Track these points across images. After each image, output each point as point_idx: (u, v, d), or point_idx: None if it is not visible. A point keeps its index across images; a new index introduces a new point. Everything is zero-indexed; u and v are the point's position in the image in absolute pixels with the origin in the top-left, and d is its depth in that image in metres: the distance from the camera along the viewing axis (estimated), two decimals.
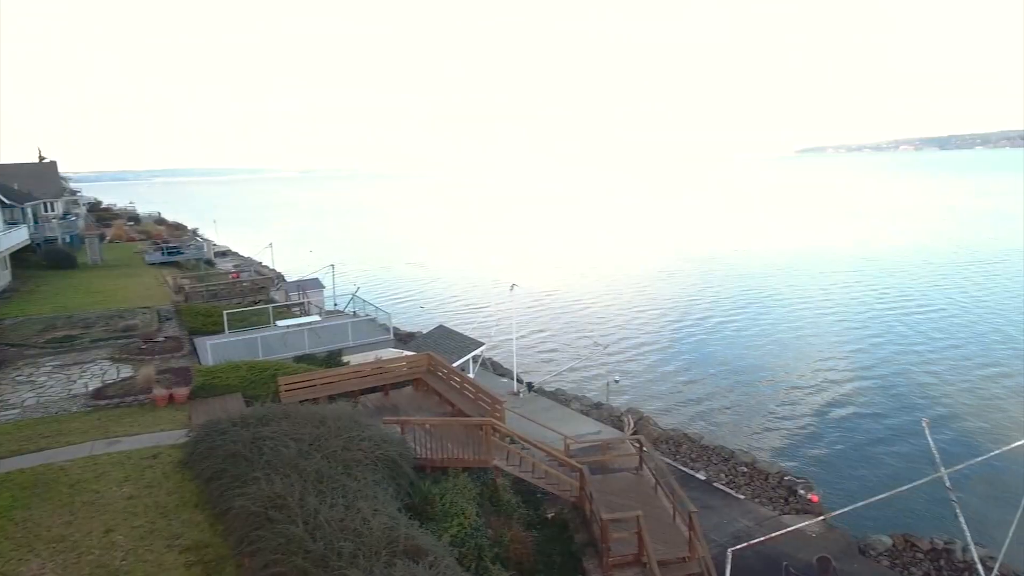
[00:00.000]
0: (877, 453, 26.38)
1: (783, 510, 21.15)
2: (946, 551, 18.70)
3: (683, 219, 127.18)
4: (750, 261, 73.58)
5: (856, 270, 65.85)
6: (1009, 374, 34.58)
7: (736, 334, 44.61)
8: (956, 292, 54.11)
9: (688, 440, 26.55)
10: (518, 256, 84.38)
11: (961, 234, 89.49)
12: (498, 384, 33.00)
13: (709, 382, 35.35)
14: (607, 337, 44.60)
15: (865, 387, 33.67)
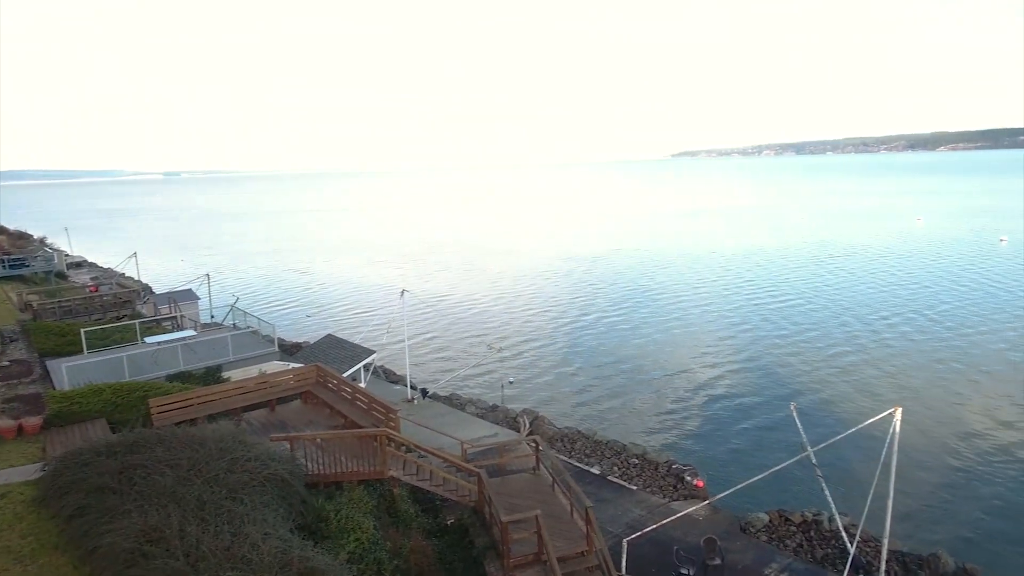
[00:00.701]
0: (753, 437, 28.36)
1: (672, 497, 22.19)
2: (815, 522, 20.39)
3: (567, 222, 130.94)
4: (628, 260, 77.01)
5: (720, 266, 70.68)
6: (859, 356, 38.35)
7: (619, 330, 46.48)
8: (805, 284, 59.40)
9: (582, 437, 27.24)
10: (409, 260, 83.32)
11: (811, 231, 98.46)
12: (392, 392, 32.33)
13: (599, 378, 36.54)
14: (499, 339, 44.96)
15: (738, 375, 36.14)
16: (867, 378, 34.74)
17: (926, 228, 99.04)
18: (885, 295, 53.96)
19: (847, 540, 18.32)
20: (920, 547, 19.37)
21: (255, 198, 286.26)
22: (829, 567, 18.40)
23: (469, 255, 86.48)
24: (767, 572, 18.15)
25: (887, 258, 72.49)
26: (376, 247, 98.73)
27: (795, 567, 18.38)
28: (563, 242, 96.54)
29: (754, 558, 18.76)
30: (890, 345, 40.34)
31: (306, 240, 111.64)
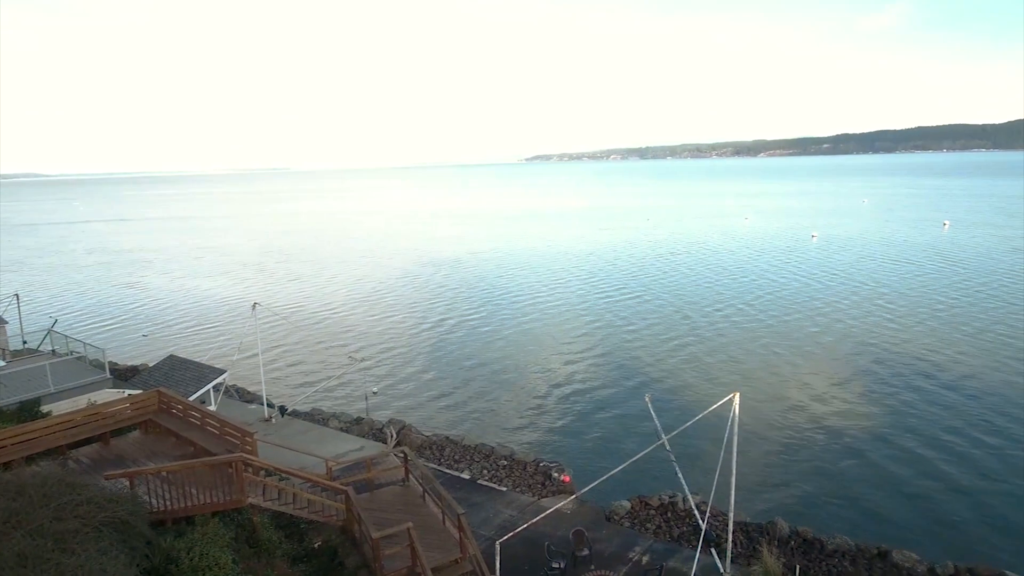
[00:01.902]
0: (613, 429, 29.88)
1: (541, 494, 22.78)
2: (671, 504, 21.84)
3: (421, 225, 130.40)
4: (484, 262, 78.25)
5: (571, 265, 73.90)
6: (700, 346, 41.73)
7: (480, 332, 47.05)
8: (649, 280, 63.75)
9: (450, 443, 27.19)
10: (258, 270, 78.63)
11: (653, 230, 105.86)
12: (247, 412, 30.31)
13: (463, 382, 36.71)
14: (360, 349, 43.76)
15: (595, 370, 37.90)
16: (708, 366, 37.86)
17: (751, 226, 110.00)
18: (718, 288, 59.14)
19: (699, 517, 19.84)
20: (760, 516, 21.43)
21: (49, 205, 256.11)
22: (685, 543, 19.80)
23: (320, 263, 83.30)
24: (631, 555, 19.17)
25: (719, 253, 79.58)
26: (220, 256, 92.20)
27: (655, 548, 19.58)
28: (417, 246, 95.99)
29: (619, 544, 19.75)
30: (725, 334, 44.27)
31: (130, 252, 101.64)
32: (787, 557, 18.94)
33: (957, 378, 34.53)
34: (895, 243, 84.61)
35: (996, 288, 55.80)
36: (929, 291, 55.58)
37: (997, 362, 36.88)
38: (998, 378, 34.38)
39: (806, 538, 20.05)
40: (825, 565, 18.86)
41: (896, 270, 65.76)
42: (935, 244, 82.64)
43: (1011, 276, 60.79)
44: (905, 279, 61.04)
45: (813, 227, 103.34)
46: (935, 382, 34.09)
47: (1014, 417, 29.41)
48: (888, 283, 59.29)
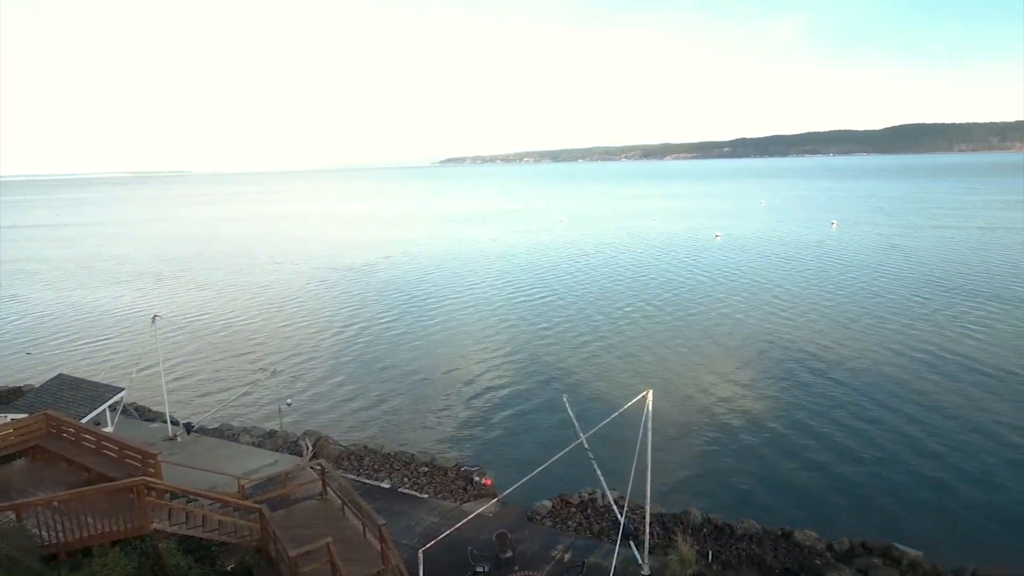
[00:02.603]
0: (532, 430, 30.24)
1: (463, 499, 22.74)
2: (591, 500, 22.36)
3: (330, 230, 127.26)
4: (396, 267, 77.30)
5: (485, 267, 74.35)
6: (614, 345, 42.95)
7: (395, 338, 46.43)
8: (560, 282, 65.07)
9: (370, 452, 26.67)
10: (156, 280, 74.13)
11: (565, 232, 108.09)
12: (148, 432, 28.53)
13: (381, 390, 36.09)
14: (271, 359, 42.16)
15: (513, 373, 38.23)
16: (622, 364, 39.02)
17: (659, 227, 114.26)
18: (628, 287, 61.10)
19: (617, 512, 20.43)
20: (675, 507, 22.30)
21: None
22: (605, 538, 20.33)
23: (225, 270, 79.59)
24: (553, 554, 19.47)
25: (629, 254, 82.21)
26: (115, 265, 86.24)
27: (577, 544, 19.98)
28: (329, 251, 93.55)
29: (541, 543, 20.02)
30: (636, 332, 45.76)
31: (12, 262, 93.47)
32: (701, 544, 19.82)
33: (842, 366, 37.23)
34: (789, 242, 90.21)
35: (876, 283, 60.64)
36: (818, 286, 59.66)
37: (877, 351, 40.03)
38: (877, 365, 37.33)
39: (717, 524, 21.05)
40: (735, 549, 19.86)
41: (790, 267, 70.18)
42: (824, 242, 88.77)
43: (889, 271, 66.25)
44: (798, 275, 65.24)
45: (716, 227, 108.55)
46: (823, 371, 36.60)
47: (892, 401, 32.03)
48: (783, 279, 63.18)
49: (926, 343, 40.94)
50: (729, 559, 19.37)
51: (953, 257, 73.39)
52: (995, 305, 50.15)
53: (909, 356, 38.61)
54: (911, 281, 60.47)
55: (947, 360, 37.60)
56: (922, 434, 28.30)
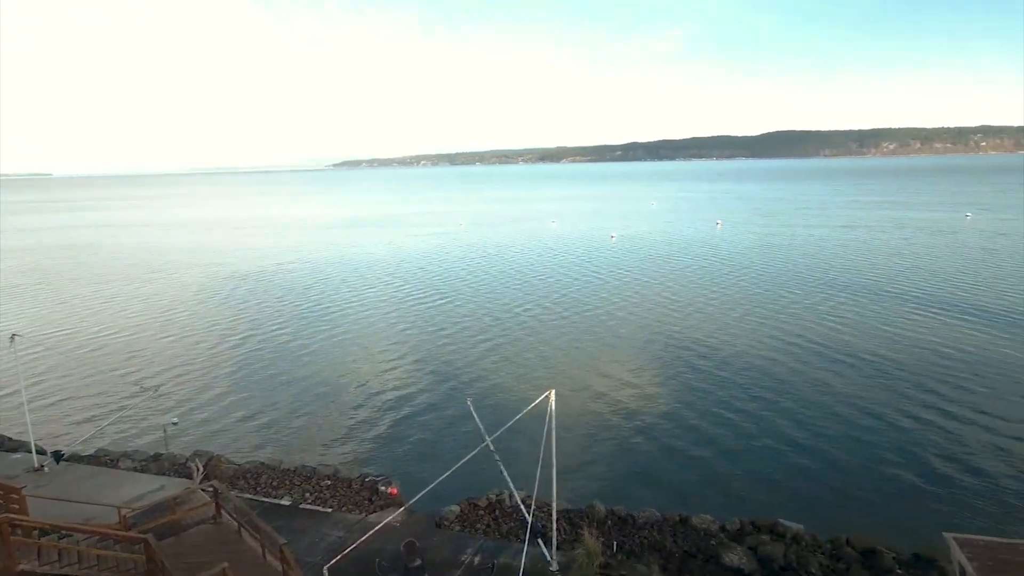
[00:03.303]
0: (438, 435, 29.95)
1: (369, 510, 22.17)
2: (498, 502, 22.45)
3: (214, 236, 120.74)
4: (285, 274, 74.45)
5: (380, 272, 73.18)
6: (515, 346, 43.43)
7: (288, 348, 44.62)
8: (461, 283, 65.26)
9: (267, 469, 25.45)
10: (9, 295, 67.12)
11: (466, 235, 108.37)
12: (9, 464, 25.78)
13: (276, 402, 34.53)
14: (152, 375, 39.31)
15: (414, 378, 37.74)
16: (524, 365, 39.49)
17: (557, 229, 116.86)
18: (528, 289, 62.02)
19: (525, 511, 20.64)
20: (581, 502, 22.83)
21: None
22: (514, 538, 20.47)
23: (94, 283, 73.31)
24: (463, 558, 19.37)
25: (528, 256, 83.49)
26: None
27: (486, 546, 20.00)
28: (213, 259, 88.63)
29: (450, 549, 19.86)
30: (538, 333, 46.51)
31: None
32: (606, 536, 20.39)
33: (725, 357, 39.61)
34: (679, 241, 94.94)
35: (755, 278, 65.04)
36: (705, 283, 63.16)
37: (756, 342, 42.92)
38: (757, 356, 40.01)
39: (620, 516, 21.75)
40: (638, 538, 20.60)
41: (680, 265, 73.85)
42: (711, 241, 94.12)
43: (767, 268, 71.24)
44: (687, 273, 68.77)
45: (612, 228, 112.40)
46: (709, 362, 38.77)
47: (770, 388, 34.43)
48: (674, 277, 66.38)
49: (797, 334, 44.32)
50: (632, 548, 20.06)
51: (820, 253, 79.99)
52: (855, 296, 55.11)
53: (783, 346, 41.63)
54: (785, 276, 65.31)
55: (815, 348, 40.87)
56: (796, 417, 30.56)
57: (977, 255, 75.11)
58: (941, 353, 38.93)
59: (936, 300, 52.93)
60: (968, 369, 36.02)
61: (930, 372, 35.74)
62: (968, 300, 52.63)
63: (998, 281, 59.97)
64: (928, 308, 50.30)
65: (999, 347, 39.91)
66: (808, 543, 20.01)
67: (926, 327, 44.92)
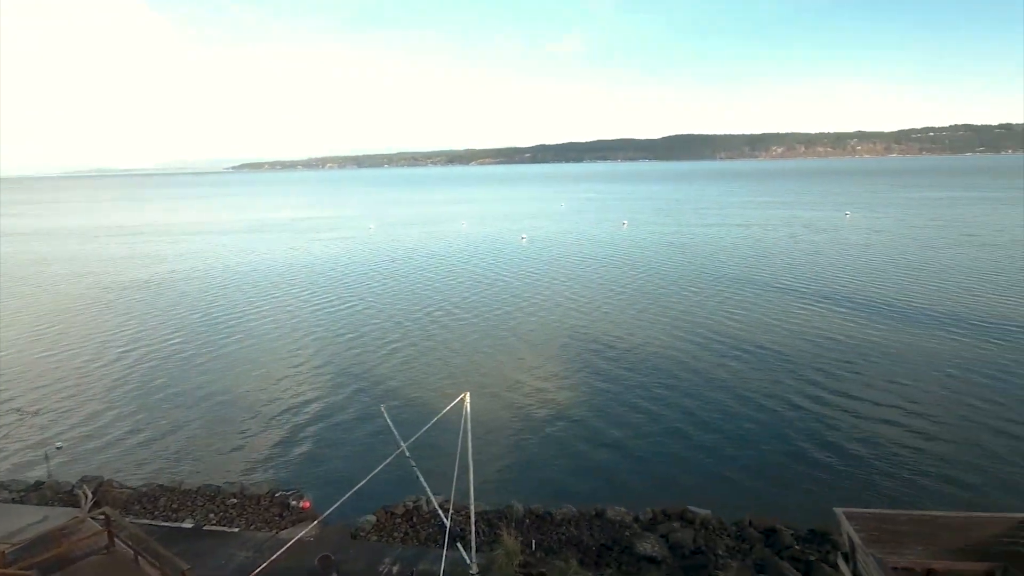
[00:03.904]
0: (352, 444, 29.18)
1: (280, 527, 21.30)
2: (416, 508, 22.17)
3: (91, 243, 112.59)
4: (182, 282, 70.56)
5: (282, 280, 70.74)
6: (426, 351, 43.06)
7: (185, 360, 42.16)
8: (365, 288, 64.10)
9: (166, 491, 23.93)
10: None
11: (372, 239, 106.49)
12: None
13: (173, 419, 32.49)
14: (28, 397, 36.04)
15: (325, 387, 36.61)
16: (438, 369, 39.19)
17: (468, 231, 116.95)
18: (439, 292, 61.69)
19: (443, 516, 20.44)
20: (499, 503, 22.90)
21: None
22: (432, 544, 20.27)
23: None
24: (381, 568, 18.98)
25: (439, 258, 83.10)
26: None
27: (404, 554, 19.68)
28: (97, 268, 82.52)
29: (367, 560, 19.41)
30: (450, 336, 46.30)
31: None
32: (524, 535, 20.57)
33: (632, 352, 41.02)
34: (587, 241, 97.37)
35: (660, 275, 67.76)
36: (613, 281, 65.13)
37: (660, 336, 44.69)
38: (661, 349, 41.69)
39: (538, 514, 22.01)
40: (556, 534, 20.91)
41: (589, 264, 75.77)
42: (617, 241, 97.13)
43: (670, 265, 74.38)
44: (596, 272, 70.66)
45: (522, 230, 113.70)
46: (617, 357, 40.01)
47: (675, 380, 35.95)
48: (583, 276, 68.01)
49: (696, 328, 46.54)
50: (551, 545, 20.35)
51: (717, 251, 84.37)
52: (747, 291, 58.50)
53: (683, 340, 43.58)
54: (685, 273, 68.42)
55: (712, 341, 43.04)
56: (698, 408, 32.03)
57: (855, 251, 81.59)
58: (825, 342, 41.97)
59: (819, 293, 57.03)
60: (848, 356, 39.02)
61: (816, 360, 38.43)
62: (847, 292, 57.05)
63: (874, 274, 65.40)
64: (812, 300, 54.12)
65: (875, 335, 43.50)
66: (715, 527, 21.01)
67: (811, 318, 48.31)
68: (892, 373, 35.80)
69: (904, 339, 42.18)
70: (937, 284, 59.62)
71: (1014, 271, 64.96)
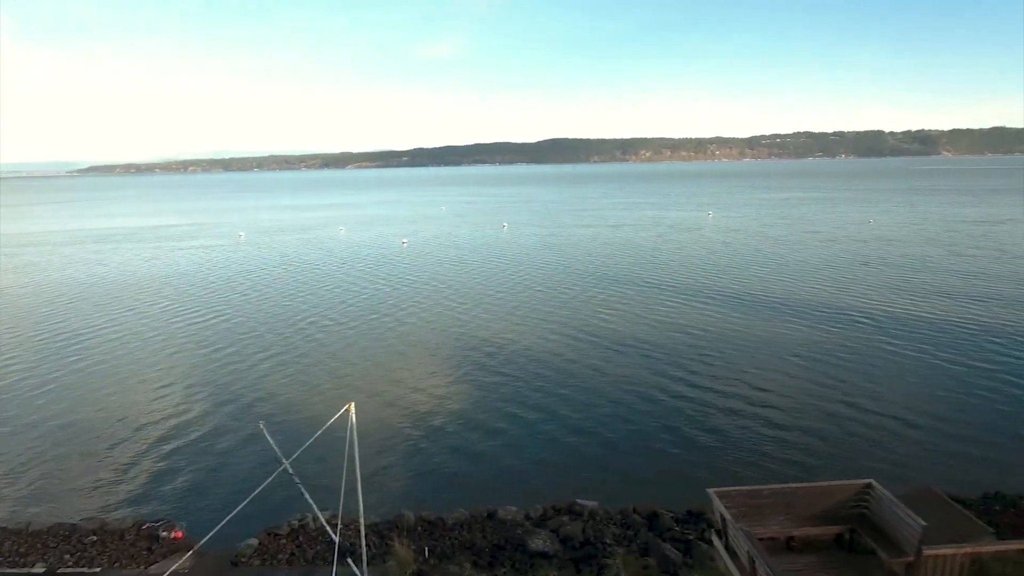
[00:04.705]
0: (228, 466, 27.44)
1: (148, 562, 19.66)
2: (302, 527, 21.27)
3: None
4: (14, 302, 63.58)
5: (145, 292, 65.68)
6: (305, 361, 41.50)
7: (25, 386, 37.46)
8: (233, 298, 60.95)
9: (10, 535, 21.33)
10: None
11: (244, 248, 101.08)
12: None
13: (15, 453, 28.94)
14: None
15: (196, 406, 34.10)
16: (320, 380, 37.81)
17: (347, 236, 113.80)
18: (318, 300, 59.44)
19: (331, 532, 19.80)
20: (389, 513, 22.48)
21: None
22: (321, 562, 19.54)
23: None
24: None
25: (316, 266, 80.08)
26: None
27: None
28: None
29: None
30: (331, 345, 44.79)
31: None
32: (417, 544, 20.34)
33: (517, 352, 41.81)
34: (469, 244, 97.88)
35: (540, 276, 69.49)
36: (496, 282, 65.95)
37: (543, 336, 45.91)
38: (544, 348, 42.84)
39: (430, 521, 21.85)
40: (449, 539, 20.86)
41: (471, 267, 76.19)
42: (498, 243, 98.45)
43: (548, 265, 76.51)
44: (479, 274, 71.21)
45: (403, 234, 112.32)
46: (503, 358, 40.58)
47: (558, 376, 37.09)
48: (466, 279, 68.33)
49: (574, 326, 48.20)
50: (444, 550, 20.26)
51: (593, 251, 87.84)
52: (622, 289, 61.46)
53: (563, 338, 44.99)
54: (563, 274, 70.62)
55: (590, 338, 44.79)
56: (579, 403, 33.16)
57: (716, 248, 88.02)
58: (691, 335, 44.91)
59: (685, 289, 61.00)
60: (713, 346, 42.04)
61: (685, 352, 41.03)
62: (709, 287, 61.43)
63: (732, 270, 70.88)
64: (679, 296, 57.76)
65: (735, 326, 47.20)
66: (602, 517, 21.88)
67: (679, 312, 51.57)
68: (751, 360, 38.98)
69: (759, 328, 46.09)
70: (786, 277, 65.65)
71: (849, 264, 72.94)
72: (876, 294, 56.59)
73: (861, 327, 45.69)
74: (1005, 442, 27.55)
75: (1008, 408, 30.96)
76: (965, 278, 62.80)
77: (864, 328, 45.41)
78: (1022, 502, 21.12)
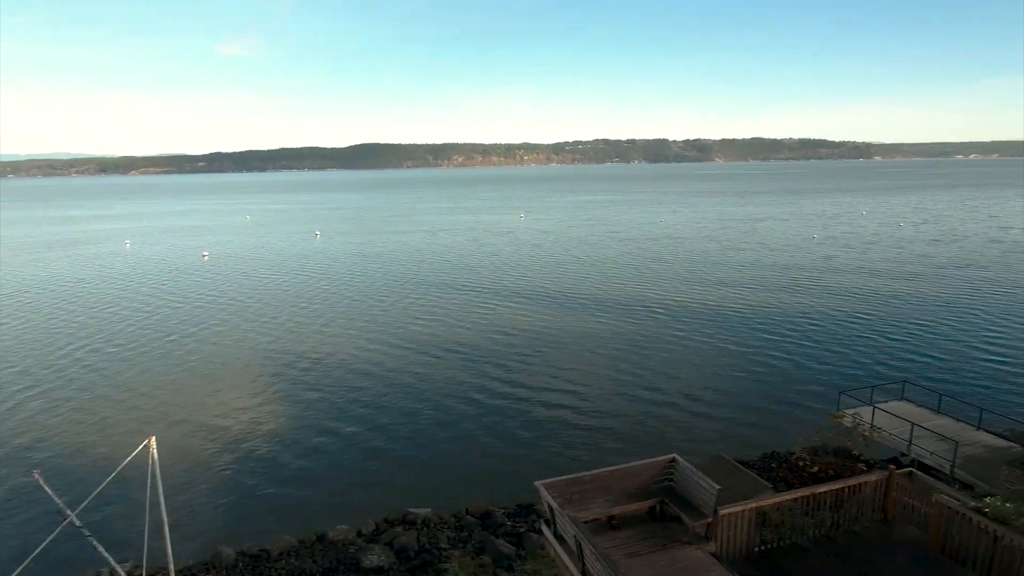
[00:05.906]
0: (0, 524, 23.18)
1: None
2: None
3: None
4: None
5: None
6: (90, 392, 36.52)
7: None
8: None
9: None
10: None
11: None
12: None
13: None
14: None
15: None
16: (114, 415, 33.41)
17: (135, 250, 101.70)
18: (102, 325, 52.65)
19: None
20: (204, 553, 20.48)
21: None
22: None
23: None
24: None
25: (96, 285, 70.64)
26: None
27: None
28: None
29: None
30: (126, 375, 39.89)
31: None
32: None
33: (333, 365, 40.55)
34: (278, 255, 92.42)
35: (355, 285, 67.88)
36: (309, 294, 63.17)
37: (359, 346, 44.96)
38: (361, 358, 42.00)
39: (252, 554, 20.31)
40: (275, 571, 19.54)
41: (282, 279, 72.09)
42: (310, 253, 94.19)
43: (363, 274, 75.00)
44: (289, 287, 67.55)
45: (203, 246, 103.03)
46: (318, 372, 39.11)
47: (377, 386, 36.58)
48: (277, 292, 64.52)
49: (393, 333, 47.95)
50: None
51: (407, 257, 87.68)
52: (439, 294, 62.21)
53: (382, 347, 44.51)
54: (379, 282, 69.71)
55: (409, 345, 44.77)
56: (401, 411, 33.01)
57: (528, 250, 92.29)
58: (507, 335, 46.70)
59: (502, 289, 63.28)
60: (528, 345, 44.09)
61: (502, 353, 42.54)
62: (522, 288, 64.30)
63: (546, 269, 74.87)
64: (494, 298, 59.78)
65: (548, 324, 49.93)
66: (436, 523, 21.91)
67: (497, 313, 53.39)
68: (563, 356, 41.47)
69: (569, 324, 49.21)
70: (591, 275, 70.80)
71: (645, 260, 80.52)
72: (669, 285, 63.21)
73: (657, 317, 50.73)
74: (775, 408, 32.29)
75: (776, 379, 36.37)
76: (739, 269, 72.48)
77: (659, 318, 50.48)
78: (791, 457, 24.92)
